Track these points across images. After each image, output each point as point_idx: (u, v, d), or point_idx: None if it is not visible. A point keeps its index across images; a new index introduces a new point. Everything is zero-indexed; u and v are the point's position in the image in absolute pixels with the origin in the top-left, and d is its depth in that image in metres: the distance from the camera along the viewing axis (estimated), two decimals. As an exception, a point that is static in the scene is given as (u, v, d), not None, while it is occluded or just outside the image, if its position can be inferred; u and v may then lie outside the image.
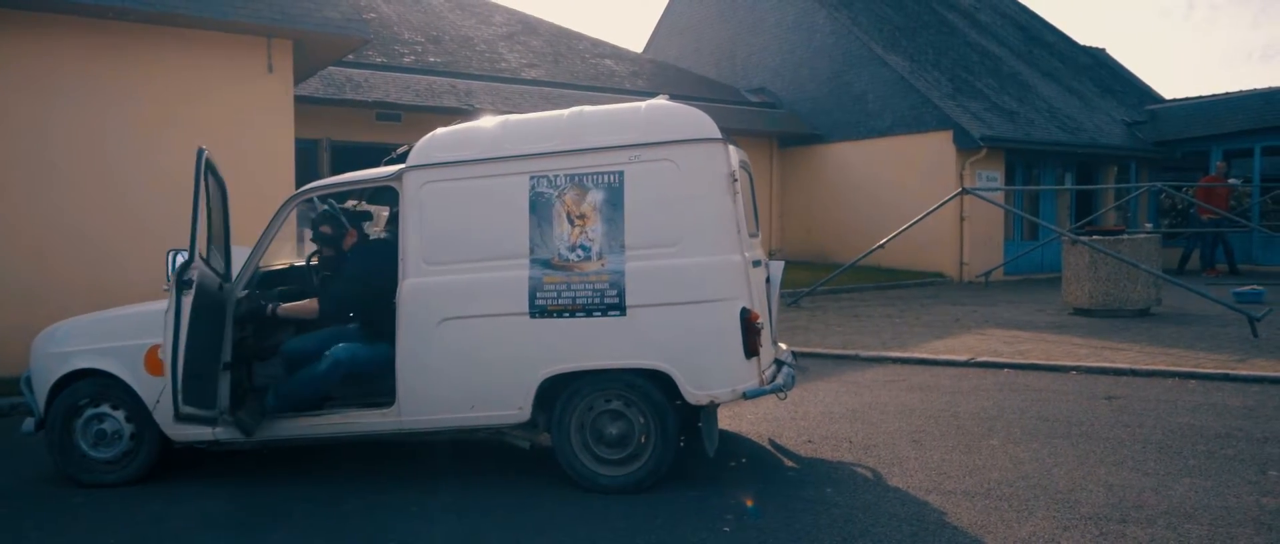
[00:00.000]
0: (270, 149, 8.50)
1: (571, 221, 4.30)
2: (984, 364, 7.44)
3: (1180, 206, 16.32)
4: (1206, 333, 8.51)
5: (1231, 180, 15.53)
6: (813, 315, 11.13)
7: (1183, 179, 17.16)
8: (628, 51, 20.00)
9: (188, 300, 4.19)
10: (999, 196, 14.08)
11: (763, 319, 4.41)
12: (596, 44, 19.60)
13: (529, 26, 19.22)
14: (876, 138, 16.79)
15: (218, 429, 4.60)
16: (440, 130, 4.65)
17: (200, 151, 4.41)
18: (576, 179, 4.31)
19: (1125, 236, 10.12)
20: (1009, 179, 16.40)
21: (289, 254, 5.47)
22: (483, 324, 4.33)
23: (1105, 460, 4.47)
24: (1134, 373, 6.76)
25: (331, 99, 13.18)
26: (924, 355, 7.87)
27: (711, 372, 4.19)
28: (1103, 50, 24.52)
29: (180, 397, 4.15)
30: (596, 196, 4.29)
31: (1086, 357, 7.43)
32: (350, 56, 14.90)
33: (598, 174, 4.30)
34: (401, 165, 4.61)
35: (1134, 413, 5.52)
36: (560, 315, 4.26)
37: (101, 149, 7.71)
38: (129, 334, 4.77)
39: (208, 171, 4.47)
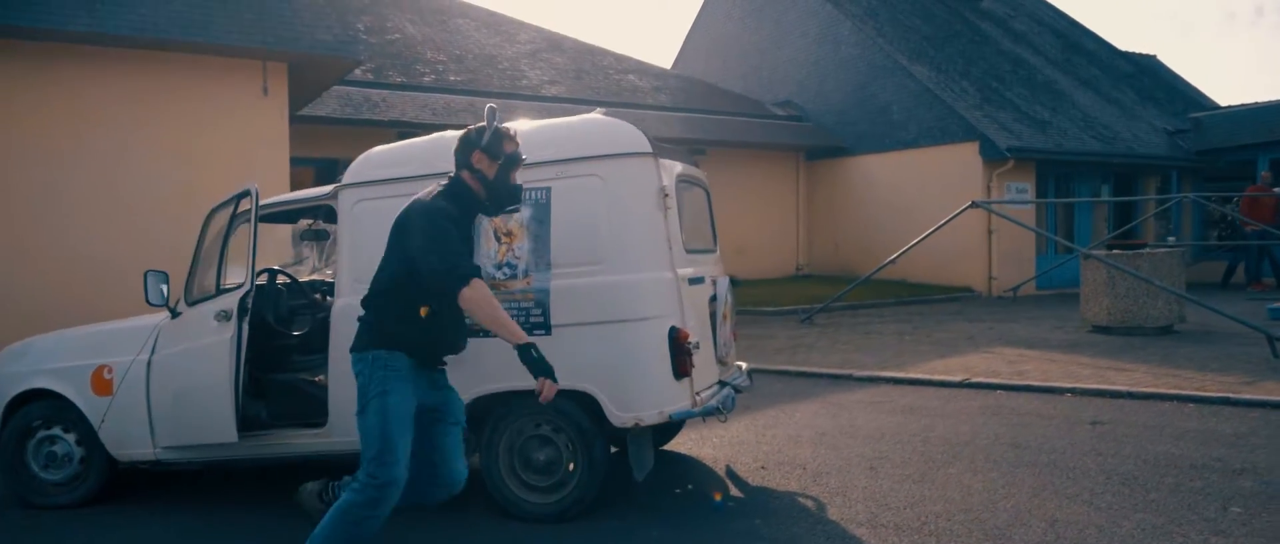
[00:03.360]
0: (266, 170, 8.60)
1: (498, 239, 4.22)
2: (976, 385, 7.15)
3: (1230, 218, 15.66)
4: (1224, 353, 8.08)
5: (1277, 190, 14.84)
6: (823, 332, 10.88)
7: (1229, 189, 16.46)
8: (653, 67, 19.96)
9: (245, 327, 4.38)
10: (1012, 209, 13.59)
11: (695, 339, 4.24)
12: (621, 60, 19.60)
13: (554, 44, 19.30)
14: (901, 150, 16.46)
15: (158, 450, 4.62)
16: (377, 148, 4.62)
17: (254, 191, 4.50)
18: (505, 196, 4.23)
19: (1146, 251, 9.70)
20: (1041, 191, 15.93)
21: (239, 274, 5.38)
22: (410, 345, 4.25)
23: (1061, 492, 4.22)
24: (1130, 396, 6.42)
25: (349, 119, 13.34)
26: (919, 375, 7.61)
27: (637, 393, 4.05)
28: (1153, 57, 23.75)
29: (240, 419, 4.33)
30: (523, 213, 4.20)
31: (1087, 378, 7.10)
32: (370, 76, 15.14)
33: (525, 190, 4.20)
34: (337, 184, 4.59)
35: (1115, 440, 5.23)
36: (486, 335, 4.14)
37: (99, 172, 7.88)
38: (79, 355, 4.81)
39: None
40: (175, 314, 4.69)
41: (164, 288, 4.66)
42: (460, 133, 3.58)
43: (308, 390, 4.66)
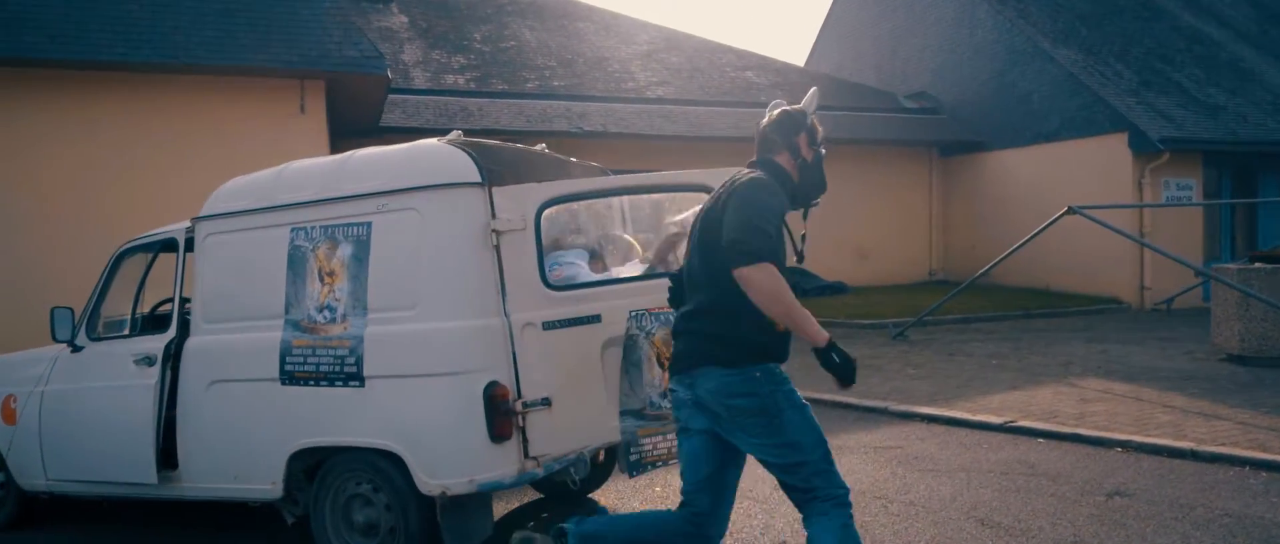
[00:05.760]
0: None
1: (321, 279, 3.85)
2: (1017, 430, 6.05)
3: None
4: (1375, 397, 6.42)
5: None
6: (907, 351, 9.79)
7: None
8: (776, 62, 19.02)
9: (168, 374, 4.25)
10: (1110, 216, 11.43)
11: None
12: (742, 56, 18.82)
13: (672, 43, 18.81)
14: (1042, 143, 14.72)
15: (50, 481, 4.65)
16: (233, 180, 4.39)
17: (187, 234, 4.38)
18: (329, 231, 3.86)
19: (1294, 264, 7.97)
20: (1212, 188, 13.74)
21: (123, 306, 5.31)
22: (242, 389, 3.99)
23: (969, 600, 3.32)
24: (1193, 456, 5.16)
25: (441, 128, 13.49)
26: (961, 414, 6.56)
27: (447, 457, 3.55)
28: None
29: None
30: (345, 251, 3.81)
31: (1158, 428, 5.81)
32: (472, 85, 15.33)
33: (348, 225, 3.81)
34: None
35: (1117, 522, 4.14)
36: (306, 383, 3.82)
37: (145, 192, 8.26)
38: (-5, 382, 4.92)
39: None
40: (76, 349, 4.66)
41: (72, 325, 4.64)
42: (777, 111, 3.10)
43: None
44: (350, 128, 11.40)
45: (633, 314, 3.86)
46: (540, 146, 4.75)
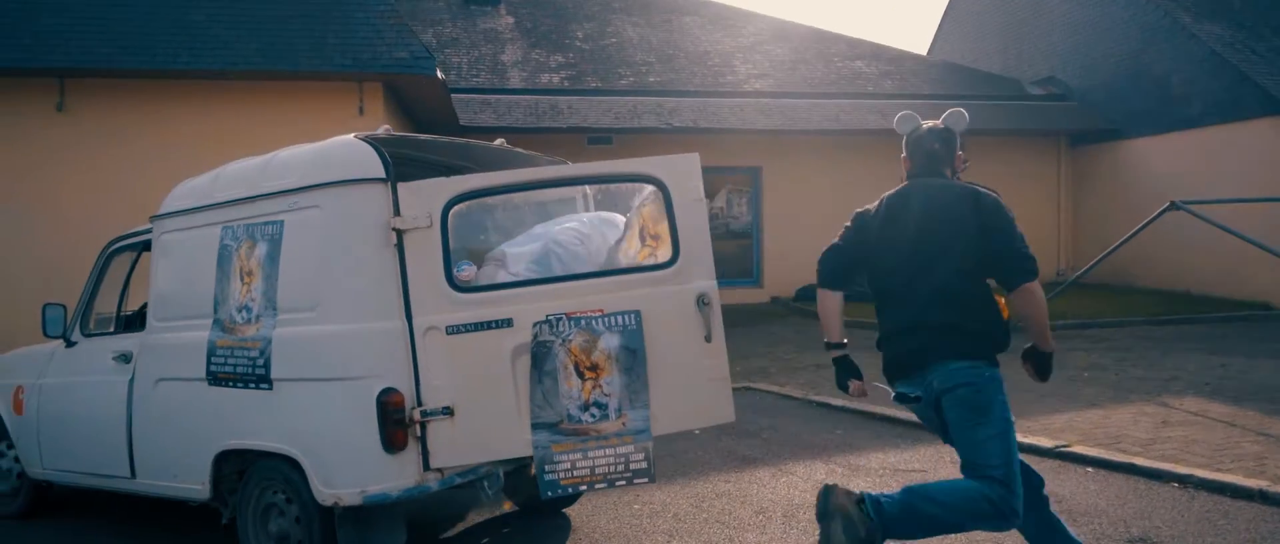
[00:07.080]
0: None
1: (242, 278, 3.79)
2: (1067, 456, 5.33)
3: None
4: None
5: None
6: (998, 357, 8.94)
7: None
8: (891, 50, 18.06)
9: None
10: (1217, 214, 9.95)
11: (411, 404, 3.38)
12: (854, 45, 17.98)
13: (781, 34, 18.22)
14: (1182, 130, 13.25)
15: (47, 471, 4.84)
16: (188, 179, 4.41)
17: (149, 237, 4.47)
18: (250, 230, 3.79)
19: None
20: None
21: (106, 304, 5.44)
22: (177, 388, 3.99)
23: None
24: (1262, 498, 4.34)
25: (531, 127, 13.57)
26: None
27: (341, 465, 3.39)
28: None
29: None
30: (261, 250, 3.72)
31: (1237, 461, 4.96)
32: (566, 83, 15.32)
33: (264, 224, 3.73)
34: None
35: (1122, 573, 3.50)
36: (227, 384, 3.77)
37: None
38: (8, 374, 5.17)
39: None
40: (70, 344, 4.83)
41: (63, 322, 4.81)
42: (942, 127, 3.44)
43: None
44: (430, 129, 11.59)
45: (548, 318, 3.55)
46: (498, 142, 4.54)
